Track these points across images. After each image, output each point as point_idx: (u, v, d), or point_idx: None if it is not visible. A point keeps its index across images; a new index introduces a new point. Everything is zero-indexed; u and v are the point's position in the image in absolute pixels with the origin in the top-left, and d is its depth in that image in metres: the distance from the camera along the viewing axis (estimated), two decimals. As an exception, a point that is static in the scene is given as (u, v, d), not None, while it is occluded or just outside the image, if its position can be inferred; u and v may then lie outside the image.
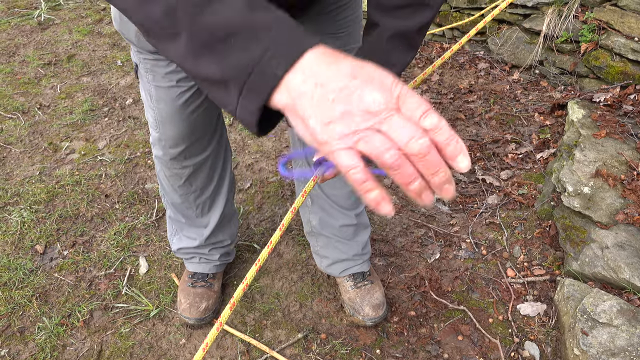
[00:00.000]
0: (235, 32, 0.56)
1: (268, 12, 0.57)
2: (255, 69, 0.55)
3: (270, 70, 0.54)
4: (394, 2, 0.97)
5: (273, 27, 0.55)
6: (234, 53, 0.56)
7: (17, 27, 3.92)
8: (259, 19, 0.56)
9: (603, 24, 2.69)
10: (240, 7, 0.56)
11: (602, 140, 2.16)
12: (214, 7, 0.56)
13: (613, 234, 1.77)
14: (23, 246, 2.05)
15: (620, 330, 1.49)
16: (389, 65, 0.96)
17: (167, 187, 1.58)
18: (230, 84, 0.57)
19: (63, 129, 2.76)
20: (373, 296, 1.70)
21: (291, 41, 0.55)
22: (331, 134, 0.53)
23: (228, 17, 0.56)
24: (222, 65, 0.57)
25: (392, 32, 0.97)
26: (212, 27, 0.56)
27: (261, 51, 0.55)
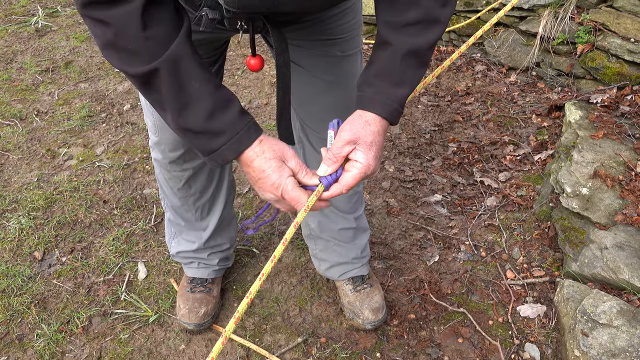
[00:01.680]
0: (201, 132, 0.94)
1: (224, 118, 0.93)
2: (215, 154, 0.96)
3: (224, 157, 0.96)
4: (404, 19, 0.97)
5: (226, 132, 0.93)
6: (201, 142, 0.95)
7: (14, 34, 3.92)
8: (215, 127, 0.93)
9: (599, 25, 2.70)
10: (202, 118, 0.92)
11: (599, 141, 2.16)
12: (186, 115, 0.93)
13: (612, 234, 1.77)
14: (21, 253, 2.04)
15: (621, 331, 1.49)
16: (401, 85, 1.00)
17: (167, 190, 1.58)
18: (199, 152, 0.98)
19: (61, 135, 2.76)
20: (372, 299, 1.70)
21: (239, 142, 0.94)
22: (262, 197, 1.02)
23: (196, 123, 0.93)
24: (194, 144, 0.98)
25: (405, 51, 0.97)
26: (185, 126, 0.94)
27: (218, 146, 0.94)
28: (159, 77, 0.89)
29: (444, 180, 2.37)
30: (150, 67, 0.87)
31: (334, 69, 1.31)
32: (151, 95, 0.93)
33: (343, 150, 0.98)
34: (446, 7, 0.98)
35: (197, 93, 0.91)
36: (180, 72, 0.89)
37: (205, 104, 0.91)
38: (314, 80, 1.32)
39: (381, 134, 1.00)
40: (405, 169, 2.44)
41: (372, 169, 0.99)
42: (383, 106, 0.99)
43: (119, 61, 0.90)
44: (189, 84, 0.90)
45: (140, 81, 0.91)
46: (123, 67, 0.90)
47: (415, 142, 2.63)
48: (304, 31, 1.23)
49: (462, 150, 2.54)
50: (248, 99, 3.07)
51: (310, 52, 1.27)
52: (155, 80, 0.89)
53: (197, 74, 0.91)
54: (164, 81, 0.89)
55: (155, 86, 0.91)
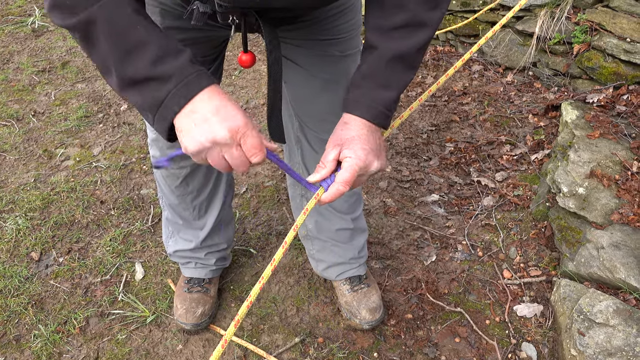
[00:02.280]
0: (146, 79, 0.83)
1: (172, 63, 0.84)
2: (161, 105, 0.84)
3: (171, 107, 0.84)
4: (391, 23, 0.96)
5: (174, 75, 0.83)
6: (147, 93, 0.84)
7: (10, 34, 3.91)
8: (161, 71, 0.83)
9: (595, 25, 2.71)
10: (147, 62, 0.83)
11: (596, 140, 2.17)
12: (129, 62, 0.83)
13: (608, 234, 1.78)
14: (18, 253, 2.04)
15: (617, 330, 1.49)
16: (387, 88, 0.99)
17: (165, 188, 1.58)
18: (147, 110, 0.86)
19: (58, 136, 2.75)
20: (370, 299, 1.70)
21: (186, 86, 0.83)
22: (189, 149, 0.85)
23: (140, 68, 0.83)
24: (141, 98, 0.86)
25: (391, 55, 0.97)
26: (128, 75, 0.84)
27: (165, 93, 0.83)
28: (97, 26, 0.83)
29: (441, 180, 2.37)
30: (87, 14, 0.82)
31: (333, 69, 1.31)
32: (93, 52, 0.86)
33: (329, 155, 0.98)
34: (435, 10, 0.98)
35: (142, 37, 0.83)
36: (120, 17, 0.83)
37: (151, 48, 0.83)
38: (313, 80, 1.32)
39: (365, 129, 0.98)
40: (403, 169, 2.44)
41: (364, 161, 0.96)
42: (367, 109, 0.98)
43: (60, 17, 0.85)
44: (132, 29, 0.84)
45: (80, 36, 0.85)
46: (63, 22, 0.85)
47: (412, 142, 2.64)
48: (303, 31, 1.23)
49: (459, 150, 2.55)
50: (245, 99, 3.07)
51: (309, 51, 1.27)
52: (94, 32, 0.83)
53: (141, 20, 0.85)
54: (102, 30, 0.82)
55: (94, 39, 0.84)
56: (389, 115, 1.00)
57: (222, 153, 0.86)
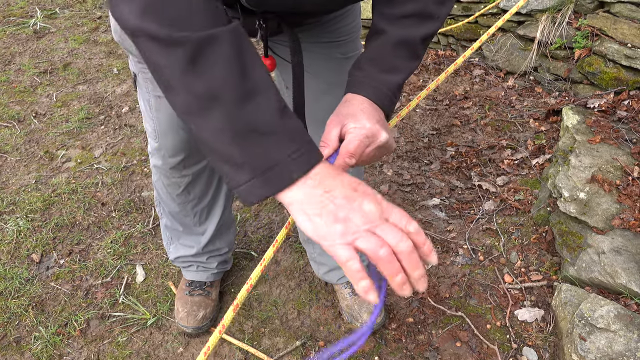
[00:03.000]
0: (269, 133, 0.67)
1: (296, 121, 0.70)
2: (276, 167, 0.67)
3: (289, 173, 0.67)
4: (399, 11, 0.96)
5: (298, 137, 0.68)
6: (259, 149, 0.67)
7: (12, 36, 3.92)
8: (291, 125, 0.69)
9: (596, 30, 2.72)
10: (274, 111, 0.68)
11: (597, 145, 2.17)
12: (255, 105, 0.67)
13: (609, 239, 1.78)
14: (19, 255, 2.04)
15: (618, 335, 1.49)
16: (392, 72, 0.97)
17: (165, 196, 1.58)
18: (246, 168, 0.68)
19: (59, 137, 2.75)
20: (371, 303, 1.70)
21: (310, 150, 0.68)
22: (334, 232, 0.66)
23: (266, 118, 0.67)
24: (247, 153, 0.67)
25: (397, 39, 0.96)
26: (250, 121, 0.67)
27: (287, 154, 0.67)
28: (218, 48, 0.67)
29: (442, 184, 2.38)
30: (210, 33, 0.67)
31: (335, 71, 1.31)
32: (196, 79, 0.67)
33: (331, 134, 0.90)
34: (444, 5, 0.98)
35: (266, 80, 0.70)
36: (244, 48, 0.69)
37: (276, 96, 0.70)
38: (315, 81, 1.32)
39: (368, 104, 0.92)
40: (404, 173, 2.44)
41: (370, 129, 0.86)
42: (373, 90, 0.94)
43: (165, 21, 0.66)
44: (255, 67, 0.69)
45: (188, 53, 0.66)
46: (170, 29, 0.66)
47: (413, 145, 2.64)
48: (305, 33, 1.24)
49: (460, 154, 2.55)
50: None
51: (311, 53, 1.28)
52: (213, 53, 0.67)
53: (261, 61, 0.71)
54: (226, 56, 0.67)
55: (208, 63, 0.67)
56: (393, 100, 0.97)
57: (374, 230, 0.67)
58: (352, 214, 0.66)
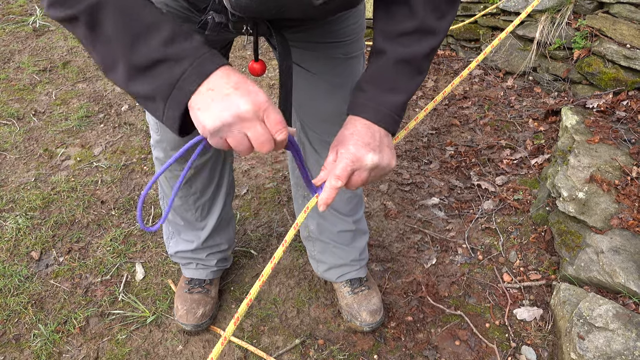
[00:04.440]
0: (158, 61, 0.78)
1: (184, 44, 0.79)
2: (175, 87, 0.78)
3: (186, 87, 0.78)
4: (399, 29, 0.97)
5: (188, 56, 0.78)
6: (159, 76, 0.78)
7: (12, 34, 3.91)
8: (175, 52, 0.78)
9: (595, 31, 2.73)
10: (157, 45, 0.78)
11: (595, 145, 2.18)
12: (140, 45, 0.78)
13: (608, 238, 1.79)
14: (18, 253, 2.04)
15: (617, 334, 1.50)
16: (394, 91, 0.99)
17: (167, 190, 1.58)
18: (157, 98, 0.79)
19: (58, 135, 2.75)
20: (370, 302, 1.70)
21: (201, 65, 0.78)
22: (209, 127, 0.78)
23: (151, 51, 0.78)
24: (152, 85, 0.79)
25: (398, 58, 0.97)
26: (139, 60, 0.78)
27: (179, 74, 0.78)
28: (105, 10, 0.78)
29: (442, 183, 2.38)
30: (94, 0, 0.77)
31: (337, 71, 1.32)
32: (98, 43, 0.80)
33: (328, 158, 0.97)
34: (443, 19, 0.99)
35: (153, 19, 0.79)
36: (130, 1, 0.79)
37: (163, 30, 0.79)
38: (317, 82, 1.32)
39: (362, 126, 0.96)
40: (403, 172, 2.45)
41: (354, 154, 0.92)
42: (374, 112, 0.97)
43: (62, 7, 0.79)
44: (142, 11, 0.79)
45: (85, 24, 0.79)
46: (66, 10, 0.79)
47: (412, 145, 2.65)
48: (308, 33, 1.24)
49: (460, 154, 2.56)
50: (246, 100, 3.07)
51: (313, 54, 1.28)
52: (101, 17, 0.78)
53: (148, 3, 0.81)
54: (111, 14, 0.78)
55: (101, 26, 0.79)
56: (396, 119, 1.00)
57: (243, 130, 0.79)
58: (226, 110, 0.77)
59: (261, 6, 0.89)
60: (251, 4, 0.88)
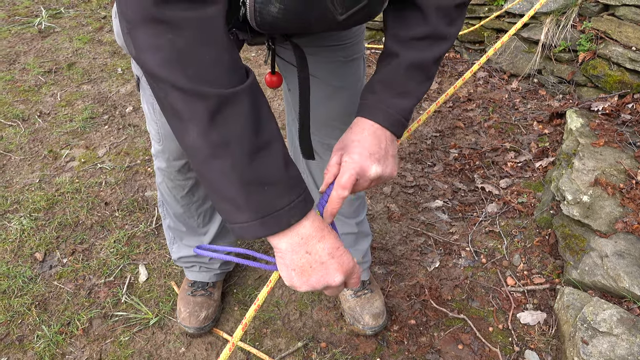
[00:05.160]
0: (275, 184, 0.75)
1: (296, 171, 0.78)
2: (276, 214, 0.76)
3: (287, 219, 0.77)
4: (411, 33, 0.98)
5: (299, 185, 0.78)
6: (263, 197, 0.75)
7: (17, 35, 3.93)
8: (293, 174, 0.78)
9: (601, 33, 2.71)
10: (281, 164, 0.76)
11: (600, 149, 2.17)
12: (264, 158, 0.75)
13: (612, 242, 1.78)
14: (22, 254, 2.04)
15: (621, 339, 1.49)
16: (404, 96, 0.99)
17: (169, 198, 1.58)
18: (247, 211, 0.76)
19: (63, 137, 2.76)
20: (373, 305, 1.70)
21: (305, 199, 0.78)
22: (301, 285, 0.82)
23: (274, 170, 0.75)
24: (251, 199, 0.75)
25: (410, 62, 0.98)
26: (259, 174, 0.75)
27: (287, 202, 0.76)
28: (238, 106, 0.73)
29: (445, 186, 2.38)
30: (233, 91, 0.72)
31: (338, 74, 1.32)
32: (212, 132, 0.72)
33: (332, 160, 0.97)
34: (453, 25, 1.00)
35: (275, 135, 0.77)
36: (260, 105, 0.76)
37: (282, 149, 0.77)
38: (318, 85, 1.32)
39: (369, 133, 0.97)
40: (407, 175, 2.44)
41: (359, 164, 0.93)
42: (384, 115, 0.98)
43: (191, 77, 0.70)
44: (268, 122, 0.76)
45: (212, 107, 0.71)
46: (196, 84, 0.70)
47: (416, 147, 2.64)
48: (309, 37, 1.24)
49: (464, 157, 2.55)
50: (250, 102, 3.07)
51: (314, 57, 1.28)
52: (231, 110, 0.72)
53: (272, 114, 0.79)
54: (243, 113, 0.73)
55: (226, 118, 0.72)
56: (404, 123, 1.01)
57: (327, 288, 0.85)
58: (322, 281, 0.81)
59: (286, 23, 0.88)
60: (276, 22, 0.87)
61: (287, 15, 0.85)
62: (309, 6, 0.85)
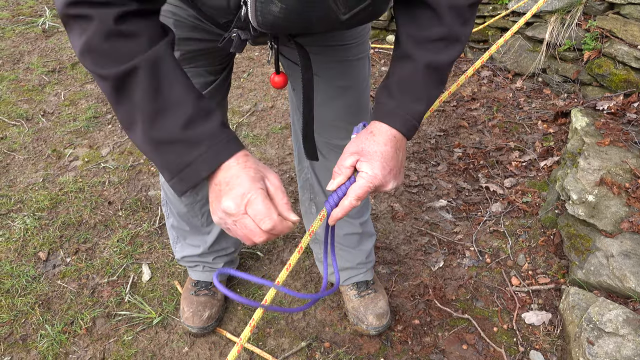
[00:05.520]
0: (175, 142, 0.84)
1: (202, 128, 0.84)
2: (186, 169, 0.85)
3: (198, 171, 0.85)
4: (427, 35, 0.96)
5: (204, 140, 0.84)
6: (172, 154, 0.85)
7: (21, 35, 3.94)
8: (193, 136, 0.84)
9: (606, 32, 2.70)
10: (180, 125, 0.83)
11: (606, 148, 2.16)
12: (161, 122, 0.83)
13: (618, 242, 1.76)
14: (26, 253, 2.04)
15: (627, 340, 1.48)
16: (421, 101, 0.98)
17: (172, 197, 1.58)
18: (165, 171, 0.87)
19: (67, 136, 2.76)
20: (377, 305, 1.69)
21: (216, 153, 0.85)
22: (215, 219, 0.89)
23: (171, 131, 0.84)
24: (163, 160, 0.86)
25: (427, 65, 0.97)
26: (157, 135, 0.84)
27: (193, 157, 0.84)
28: (136, 78, 0.82)
29: (449, 185, 2.37)
30: (128, 66, 0.81)
31: (343, 74, 1.31)
32: (121, 105, 0.85)
33: (346, 161, 0.96)
34: (466, 25, 0.99)
35: (177, 98, 0.84)
36: (161, 74, 0.83)
37: (184, 111, 0.84)
38: (323, 86, 1.32)
39: (391, 145, 0.96)
40: (411, 174, 2.43)
41: (380, 180, 0.94)
42: (403, 122, 0.97)
43: (93, 63, 0.83)
44: (169, 88, 0.84)
45: (112, 85, 0.83)
46: (97, 69, 0.83)
47: (420, 147, 2.63)
48: (314, 37, 1.23)
49: (468, 156, 2.54)
50: (254, 102, 3.07)
51: (319, 57, 1.27)
52: (130, 83, 0.82)
53: (179, 78, 0.85)
54: (141, 83, 0.82)
55: (128, 91, 0.83)
56: (417, 127, 1.01)
57: (235, 223, 0.86)
58: (218, 210, 0.87)
59: (288, 23, 0.88)
60: (277, 22, 0.87)
61: (288, 14, 0.85)
62: (311, 6, 0.85)
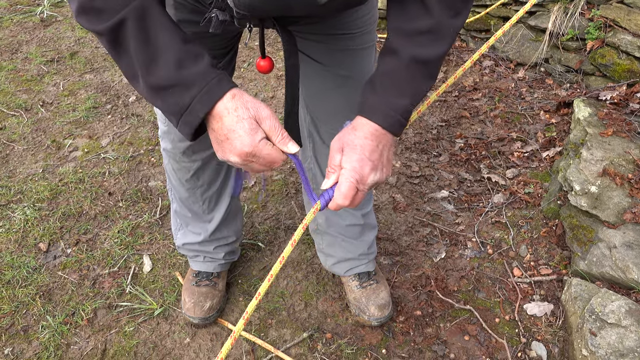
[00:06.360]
0: (171, 85, 0.87)
1: (192, 69, 0.87)
2: (187, 111, 0.88)
3: (196, 113, 0.87)
4: (414, 27, 0.94)
5: (196, 81, 0.86)
6: (171, 98, 0.88)
7: (19, 24, 3.91)
8: (184, 77, 0.86)
9: (609, 21, 2.67)
10: (172, 68, 0.86)
11: (608, 138, 2.14)
12: (155, 68, 0.87)
13: (621, 233, 1.76)
14: (26, 244, 2.04)
15: (629, 331, 1.48)
16: (405, 96, 0.96)
17: (175, 181, 1.58)
18: (171, 115, 0.90)
19: (66, 127, 2.75)
20: (379, 296, 1.69)
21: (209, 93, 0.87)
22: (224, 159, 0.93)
23: (166, 74, 0.86)
24: (165, 105, 0.89)
25: (412, 59, 0.95)
26: (154, 81, 0.87)
27: (189, 99, 0.87)
28: (127, 30, 0.85)
29: (451, 176, 2.36)
30: (117, 18, 0.84)
31: (348, 64, 1.29)
32: (121, 58, 0.89)
33: (336, 159, 0.95)
34: (457, 18, 0.96)
35: (166, 43, 0.86)
36: (148, 22, 0.86)
37: (174, 54, 0.87)
38: (328, 74, 1.30)
39: (372, 139, 0.95)
40: (412, 165, 2.42)
41: (360, 173, 0.93)
42: (384, 117, 0.96)
43: (88, 21, 0.87)
44: (158, 36, 0.86)
45: (109, 39, 0.86)
46: (92, 26, 0.86)
47: (422, 137, 2.62)
48: (319, 25, 1.22)
49: (469, 146, 2.52)
50: (254, 92, 3.05)
51: (325, 45, 1.26)
52: (124, 37, 0.86)
53: (166, 25, 0.87)
54: (132, 34, 0.85)
55: (123, 44, 0.87)
56: (403, 123, 0.98)
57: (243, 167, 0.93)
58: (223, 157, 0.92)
59: (265, 5, 0.87)
60: (254, 3, 0.86)
61: None
62: None
